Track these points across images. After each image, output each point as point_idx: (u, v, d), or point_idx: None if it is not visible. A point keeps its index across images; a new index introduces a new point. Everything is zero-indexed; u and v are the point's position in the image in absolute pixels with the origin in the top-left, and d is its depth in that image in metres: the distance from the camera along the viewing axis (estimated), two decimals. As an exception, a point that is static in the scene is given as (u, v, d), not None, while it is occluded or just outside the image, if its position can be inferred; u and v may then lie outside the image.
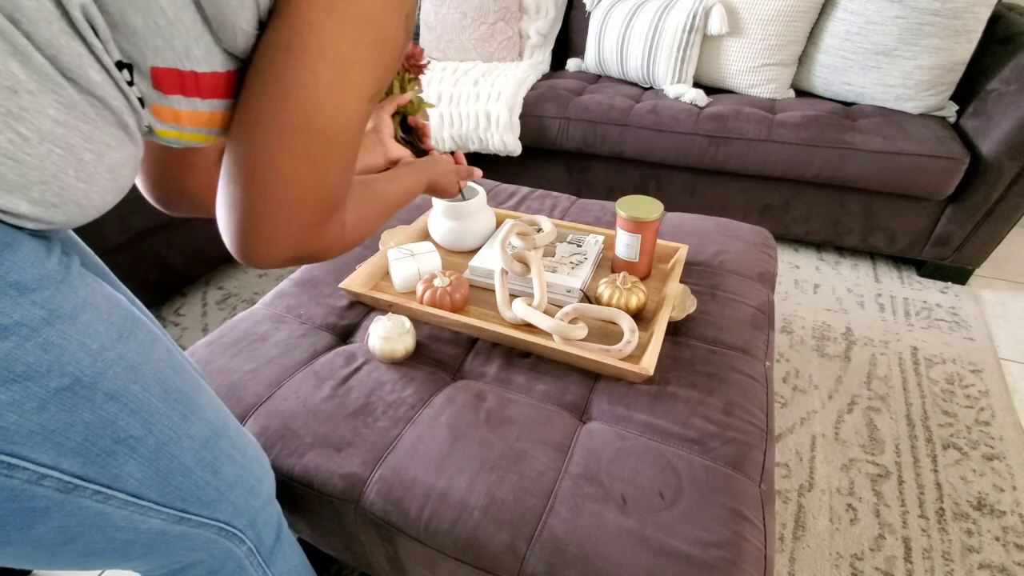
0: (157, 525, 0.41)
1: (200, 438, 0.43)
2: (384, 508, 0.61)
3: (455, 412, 0.68)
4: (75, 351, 0.33)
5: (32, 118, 0.29)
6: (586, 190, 1.80)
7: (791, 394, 1.18)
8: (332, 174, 0.39)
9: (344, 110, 0.37)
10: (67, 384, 0.33)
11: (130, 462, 0.37)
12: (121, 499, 0.38)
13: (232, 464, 0.47)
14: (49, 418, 0.32)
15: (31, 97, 0.29)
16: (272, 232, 0.38)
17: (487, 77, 1.77)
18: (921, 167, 1.36)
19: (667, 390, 0.71)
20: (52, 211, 0.32)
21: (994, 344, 1.33)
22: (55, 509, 0.34)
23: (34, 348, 0.31)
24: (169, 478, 0.40)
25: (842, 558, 0.88)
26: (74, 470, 0.34)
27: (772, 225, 1.62)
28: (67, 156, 0.31)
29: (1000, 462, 1.03)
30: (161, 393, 0.39)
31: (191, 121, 0.38)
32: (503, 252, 0.82)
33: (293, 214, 0.38)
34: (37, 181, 0.30)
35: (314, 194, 0.39)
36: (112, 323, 0.36)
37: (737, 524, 0.57)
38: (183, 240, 1.39)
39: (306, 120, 0.36)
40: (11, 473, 0.32)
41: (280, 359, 0.77)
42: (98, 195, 0.35)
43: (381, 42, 0.37)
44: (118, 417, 0.36)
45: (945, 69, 1.42)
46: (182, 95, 0.36)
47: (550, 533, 0.56)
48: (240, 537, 0.49)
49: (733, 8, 1.56)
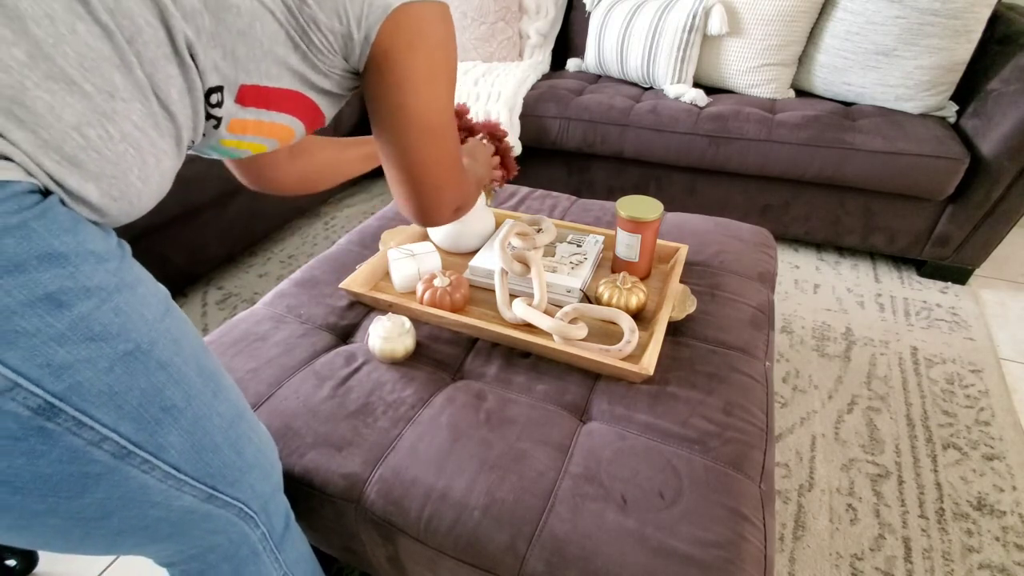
0: (188, 502, 0.42)
1: (227, 417, 0.45)
2: (384, 508, 0.61)
3: (455, 412, 0.68)
4: (135, 319, 0.36)
5: (120, 120, 0.35)
6: (586, 190, 1.80)
7: (791, 394, 1.18)
8: (452, 149, 0.56)
9: (443, 109, 0.53)
10: (130, 349, 0.36)
11: (173, 432, 0.39)
12: (163, 470, 0.39)
13: (251, 446, 0.49)
14: (115, 379, 0.35)
15: (123, 103, 0.35)
16: (439, 198, 0.57)
17: (487, 77, 1.77)
18: (921, 167, 1.36)
19: (667, 390, 0.71)
20: (110, 204, 0.37)
21: (994, 344, 1.33)
22: (105, 477, 0.36)
23: (108, 311, 0.34)
24: (202, 453, 0.42)
25: (842, 558, 0.88)
26: (128, 435, 0.36)
27: (772, 225, 1.62)
28: (136, 157, 0.37)
29: (1000, 462, 1.03)
30: (197, 369, 0.42)
31: (256, 130, 0.47)
32: (503, 252, 0.82)
33: (445, 182, 0.57)
34: (109, 174, 0.35)
35: (450, 164, 0.57)
36: (159, 299, 0.40)
37: (737, 524, 0.57)
38: (184, 240, 1.39)
39: (427, 122, 0.52)
40: (79, 431, 0.34)
41: (280, 359, 0.77)
42: (147, 196, 0.40)
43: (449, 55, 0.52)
44: (165, 386, 0.38)
45: (945, 69, 1.42)
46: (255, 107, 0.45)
47: (550, 533, 0.56)
48: (255, 520, 0.51)
49: (733, 8, 1.56)
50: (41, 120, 0.31)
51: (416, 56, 0.48)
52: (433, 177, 0.55)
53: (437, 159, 0.54)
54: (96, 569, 0.89)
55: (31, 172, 0.31)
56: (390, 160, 0.55)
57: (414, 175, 0.54)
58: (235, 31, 0.39)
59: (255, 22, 0.40)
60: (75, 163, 0.33)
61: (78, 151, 0.33)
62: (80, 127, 0.33)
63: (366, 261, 0.93)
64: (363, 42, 0.47)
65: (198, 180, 1.34)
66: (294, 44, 0.44)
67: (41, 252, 0.31)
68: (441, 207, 0.58)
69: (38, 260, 0.31)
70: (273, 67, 0.44)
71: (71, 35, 0.31)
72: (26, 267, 0.30)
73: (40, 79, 0.30)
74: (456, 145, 0.57)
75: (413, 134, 0.52)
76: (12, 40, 0.29)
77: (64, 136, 0.32)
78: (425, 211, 0.58)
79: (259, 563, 0.52)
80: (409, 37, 0.48)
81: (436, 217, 0.59)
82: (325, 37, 0.45)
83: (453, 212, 0.61)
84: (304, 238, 1.79)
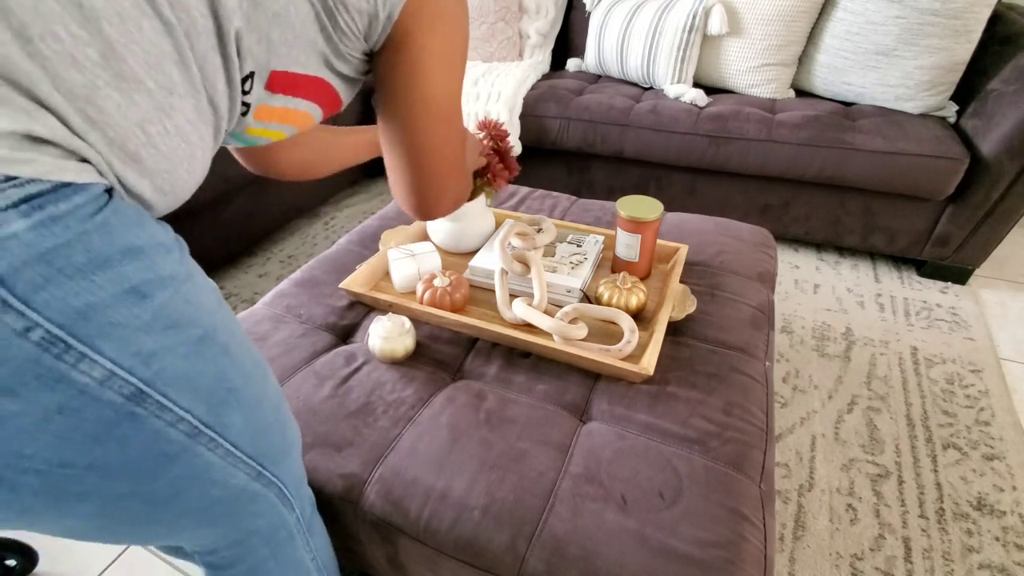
0: (241, 480, 0.44)
1: (274, 400, 0.48)
2: (384, 508, 0.61)
3: (455, 412, 0.68)
4: (202, 307, 0.38)
5: (176, 116, 0.36)
6: (586, 190, 1.80)
7: (791, 394, 1.18)
8: (459, 137, 0.56)
9: (454, 94, 0.52)
10: (200, 335, 0.38)
11: (235, 412, 0.42)
12: (225, 448, 0.41)
13: (291, 429, 0.51)
14: (190, 365, 0.37)
15: (180, 99, 0.35)
16: (441, 189, 0.56)
17: (487, 77, 1.77)
18: (921, 167, 1.36)
19: (667, 390, 0.71)
20: (160, 198, 0.38)
21: (994, 344, 1.33)
22: (180, 456, 0.38)
23: (181, 300, 0.36)
24: (256, 431, 0.44)
25: (842, 558, 0.88)
26: (200, 415, 0.38)
27: (772, 225, 1.62)
28: (186, 151, 0.38)
29: (1000, 462, 1.03)
30: (249, 354, 0.44)
31: (281, 118, 0.48)
32: (503, 252, 0.82)
33: (448, 171, 0.56)
34: (164, 169, 0.36)
35: (455, 153, 0.56)
36: (213, 288, 0.42)
37: (737, 524, 0.57)
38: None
39: (438, 105, 0.51)
40: (161, 413, 0.35)
41: (280, 359, 0.77)
42: (189, 189, 0.41)
43: (464, 40, 0.51)
44: (228, 369, 0.40)
45: (945, 69, 1.42)
46: (283, 94, 0.45)
47: (550, 533, 0.56)
48: (291, 504, 0.52)
49: (733, 8, 1.56)
50: (110, 119, 0.32)
51: (435, 37, 0.48)
52: (438, 163, 0.54)
53: (444, 144, 0.54)
54: (96, 569, 0.89)
55: (103, 172, 0.33)
56: (395, 145, 0.53)
57: (419, 160, 0.53)
58: (271, 14, 0.39)
59: (289, 5, 0.40)
60: (136, 159, 0.34)
61: (140, 148, 0.34)
62: (143, 124, 0.34)
63: (366, 261, 0.93)
64: (386, 20, 0.47)
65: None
66: (321, 26, 0.44)
67: (122, 247, 0.33)
68: (442, 197, 0.57)
69: (121, 255, 0.32)
70: (302, 53, 0.44)
71: (138, 33, 0.32)
72: (112, 262, 0.32)
73: (111, 78, 0.31)
74: (462, 133, 0.56)
75: (423, 116, 0.51)
76: (87, 40, 0.30)
77: (128, 134, 0.33)
78: (426, 200, 0.57)
79: (294, 546, 0.54)
80: (431, 17, 0.47)
81: (436, 207, 0.58)
82: (352, 18, 0.45)
83: (452, 203, 0.60)
84: (304, 238, 1.79)
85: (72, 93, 0.30)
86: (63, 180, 0.30)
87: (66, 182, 0.30)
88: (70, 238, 0.30)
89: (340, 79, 0.50)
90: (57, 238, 0.29)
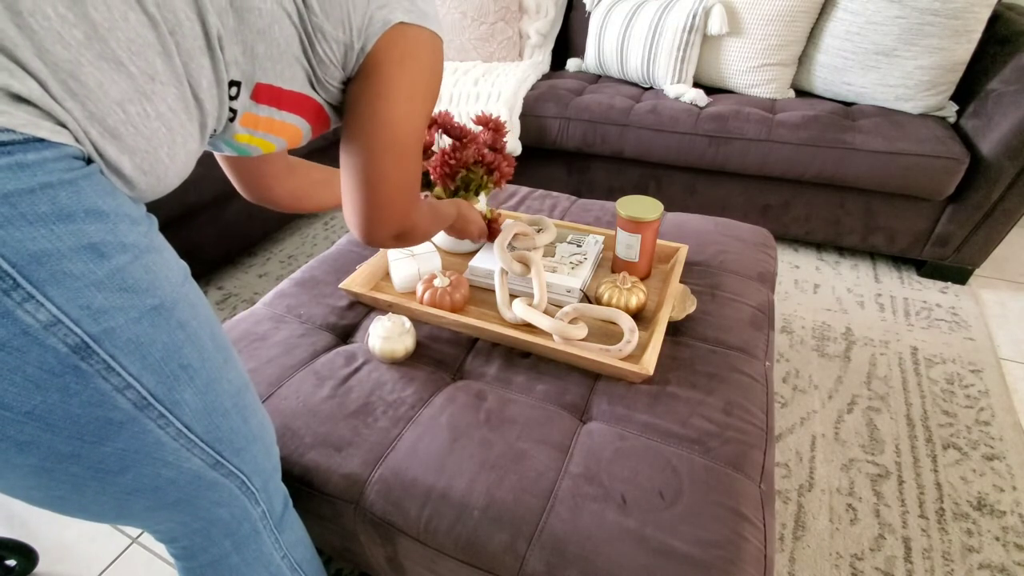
0: (196, 466, 0.45)
1: (236, 385, 0.48)
2: (384, 508, 0.61)
3: (455, 412, 0.68)
4: (161, 279, 0.40)
5: (157, 101, 0.38)
6: (586, 190, 1.80)
7: (791, 394, 1.18)
8: (412, 172, 0.56)
9: (414, 130, 0.54)
10: (156, 304, 0.39)
11: (188, 390, 0.42)
12: (176, 428, 0.42)
13: (255, 417, 0.51)
14: (142, 331, 0.38)
15: (161, 86, 0.38)
16: (383, 216, 0.56)
17: (487, 77, 1.77)
18: (921, 167, 1.36)
19: (667, 390, 0.71)
20: (140, 177, 0.40)
21: (994, 344, 1.33)
22: (126, 426, 0.39)
23: (139, 267, 0.38)
24: (213, 415, 0.45)
25: (842, 558, 0.88)
26: (149, 386, 0.39)
27: (772, 225, 1.62)
28: (167, 136, 0.40)
29: (1000, 462, 1.03)
30: (210, 335, 0.45)
31: (267, 127, 0.51)
32: (503, 252, 0.82)
33: (394, 200, 0.55)
34: (143, 149, 0.39)
35: (404, 185, 0.55)
36: (180, 267, 0.43)
37: (737, 524, 0.57)
38: (183, 240, 1.39)
39: (395, 136, 0.52)
40: (107, 375, 0.36)
41: (280, 359, 0.77)
42: (172, 173, 0.43)
43: (433, 77, 0.54)
44: (183, 345, 0.41)
45: (945, 69, 1.42)
46: (268, 105, 0.49)
47: (550, 533, 0.56)
48: (256, 497, 0.52)
49: (733, 8, 1.56)
50: (91, 94, 0.35)
51: (403, 71, 0.51)
52: (384, 192, 0.54)
53: (394, 175, 0.54)
54: (96, 568, 0.89)
55: (79, 139, 0.35)
56: (350, 169, 0.54)
57: (368, 186, 0.54)
58: (256, 30, 0.43)
59: (274, 24, 0.44)
60: (115, 135, 0.37)
61: (119, 124, 0.37)
62: (123, 103, 0.36)
63: (366, 261, 0.93)
64: (360, 52, 0.50)
65: (196, 181, 1.34)
66: (303, 49, 0.47)
67: (88, 207, 0.34)
68: (382, 225, 0.57)
69: (85, 213, 0.34)
70: (287, 69, 0.47)
71: (123, 21, 0.35)
72: (75, 218, 0.34)
73: (93, 58, 0.34)
74: (416, 173, 0.57)
75: (379, 144, 0.52)
76: (73, 22, 0.33)
77: (108, 110, 0.36)
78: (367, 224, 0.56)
79: (260, 541, 0.54)
80: (401, 53, 0.51)
81: (375, 234, 0.57)
82: (330, 47, 0.48)
83: (393, 237, 0.59)
84: (304, 238, 1.79)
85: (56, 65, 0.33)
86: (36, 135, 0.32)
87: (39, 137, 0.32)
88: (34, 186, 0.32)
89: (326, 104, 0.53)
90: (21, 183, 0.31)
